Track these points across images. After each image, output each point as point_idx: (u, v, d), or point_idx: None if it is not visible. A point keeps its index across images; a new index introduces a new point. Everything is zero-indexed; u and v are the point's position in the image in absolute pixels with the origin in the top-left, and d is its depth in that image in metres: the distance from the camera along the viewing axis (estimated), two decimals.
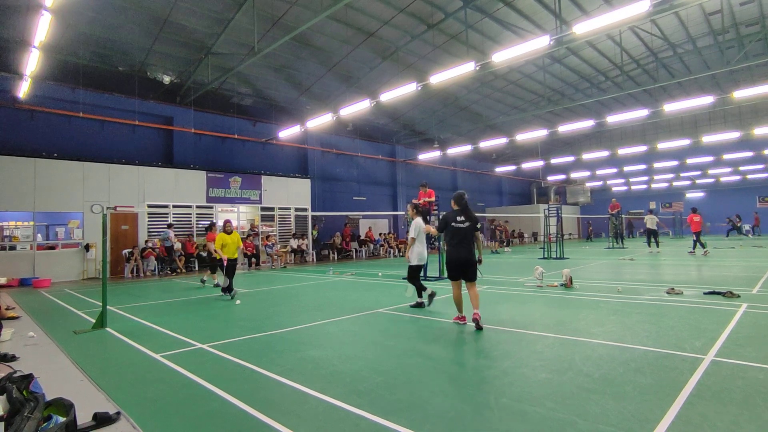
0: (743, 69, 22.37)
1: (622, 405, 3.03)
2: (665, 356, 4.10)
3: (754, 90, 16.34)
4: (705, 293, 7.39)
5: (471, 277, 5.72)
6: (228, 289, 8.87)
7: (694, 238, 16.84)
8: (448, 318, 6.22)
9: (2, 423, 2.60)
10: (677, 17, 17.85)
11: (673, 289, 7.76)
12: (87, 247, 14.15)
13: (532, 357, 4.25)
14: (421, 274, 10.89)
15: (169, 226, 15.72)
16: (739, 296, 7.00)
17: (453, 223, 5.79)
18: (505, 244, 25.47)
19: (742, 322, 5.35)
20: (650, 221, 18.79)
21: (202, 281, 11.56)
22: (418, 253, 7.09)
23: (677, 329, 5.11)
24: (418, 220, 7.24)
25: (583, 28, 10.61)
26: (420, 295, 7.14)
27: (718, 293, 7.26)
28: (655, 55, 21.13)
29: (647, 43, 20.03)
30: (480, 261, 5.88)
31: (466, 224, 5.77)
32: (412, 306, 7.10)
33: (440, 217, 6.47)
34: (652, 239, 18.47)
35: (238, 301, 8.46)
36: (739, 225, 26.17)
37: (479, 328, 5.37)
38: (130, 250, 14.51)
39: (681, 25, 18.57)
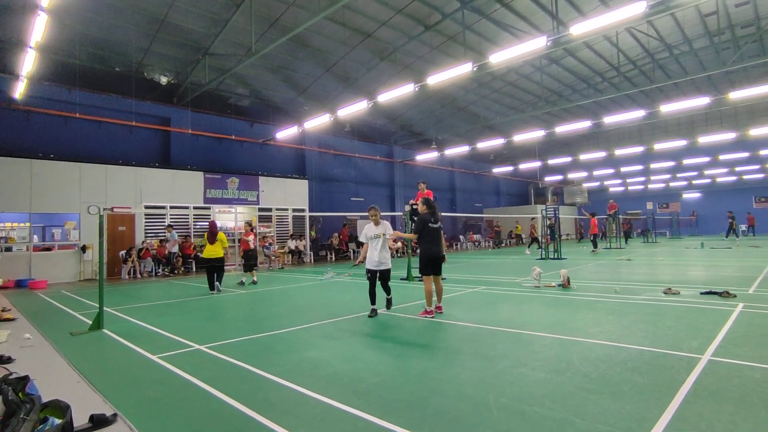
0: (739, 70, 22.51)
1: (620, 404, 3.04)
2: (662, 356, 4.11)
3: (750, 91, 16.44)
4: (702, 293, 7.41)
5: (440, 270, 6.49)
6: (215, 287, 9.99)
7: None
8: (446, 319, 6.22)
9: None
10: (673, 18, 17.94)
11: (670, 289, 7.78)
12: (84, 249, 14.10)
13: (531, 357, 4.26)
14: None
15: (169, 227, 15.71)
16: (735, 296, 7.02)
17: (429, 224, 6.41)
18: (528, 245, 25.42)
19: (738, 322, 5.37)
20: (593, 226, 20.20)
21: (241, 282, 11.47)
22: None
23: (674, 329, 5.13)
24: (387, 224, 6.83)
25: (579, 29, 10.66)
26: (389, 293, 6.91)
27: (715, 293, 7.28)
28: (652, 56, 21.23)
29: (644, 44, 20.13)
30: (444, 259, 6.57)
31: (437, 225, 6.48)
32: (370, 316, 6.45)
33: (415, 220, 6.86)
34: (595, 239, 20.35)
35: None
36: (733, 225, 26.12)
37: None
38: (126, 250, 14.46)
39: (677, 26, 18.67)
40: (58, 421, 2.62)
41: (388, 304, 6.98)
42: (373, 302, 6.61)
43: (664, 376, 3.59)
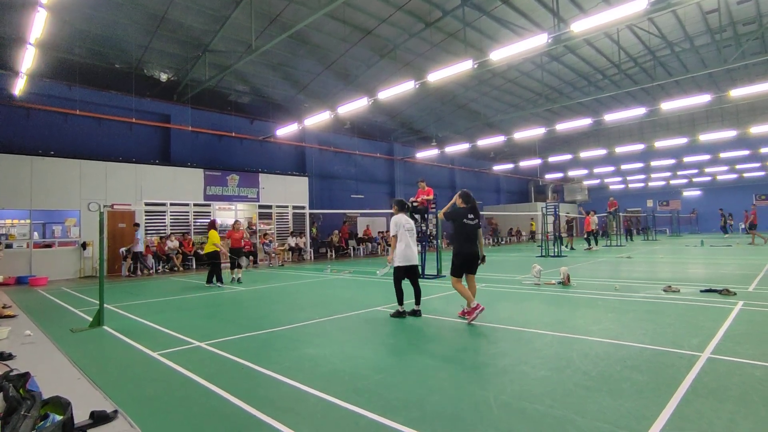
0: (740, 67, 22.40)
1: (620, 402, 3.04)
2: (662, 354, 4.12)
3: (751, 88, 16.38)
4: (702, 291, 7.42)
5: (475, 270, 5.99)
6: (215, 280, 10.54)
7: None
8: (446, 316, 6.22)
9: None
10: (675, 16, 17.87)
11: (670, 286, 7.79)
12: (84, 246, 14.10)
13: (531, 355, 4.26)
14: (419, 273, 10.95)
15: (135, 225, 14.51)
16: (735, 294, 7.02)
17: (464, 220, 5.91)
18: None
19: (738, 320, 5.38)
20: (592, 222, 20.02)
21: (238, 280, 11.30)
22: (401, 251, 6.20)
23: (674, 327, 5.13)
24: (398, 216, 6.36)
25: (581, 26, 10.62)
26: (401, 303, 6.23)
27: (715, 291, 7.28)
28: (653, 54, 21.17)
29: (645, 42, 20.06)
30: (483, 259, 6.06)
31: (475, 222, 5.95)
32: (392, 315, 6.25)
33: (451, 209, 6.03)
34: (592, 238, 20.18)
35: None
36: (726, 222, 25.89)
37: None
38: (127, 248, 14.43)
39: (678, 23, 18.60)
40: (59, 418, 2.62)
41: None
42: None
43: (663, 373, 3.59)
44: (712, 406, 2.95)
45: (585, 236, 20.47)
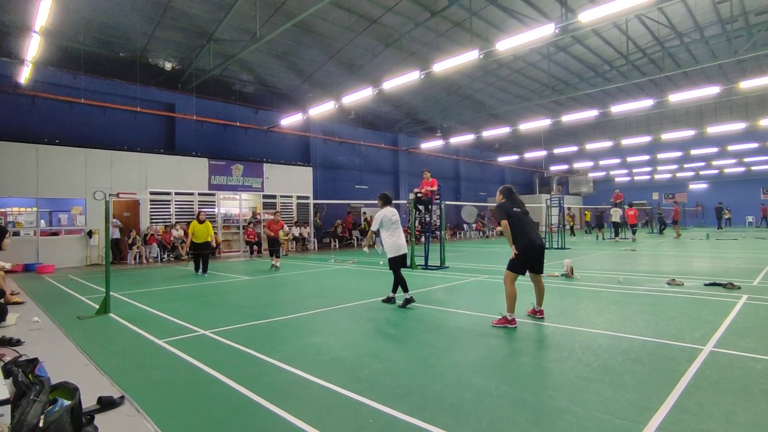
0: (751, 58, 22.02)
1: (621, 394, 3.06)
2: (664, 346, 4.13)
3: (762, 80, 16.16)
4: (706, 284, 7.40)
5: (541, 267, 5.38)
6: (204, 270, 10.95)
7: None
8: (448, 307, 6.25)
9: (9, 405, 2.63)
10: (685, 5, 17.57)
11: (674, 280, 7.77)
12: (90, 234, 14.21)
13: (533, 346, 4.29)
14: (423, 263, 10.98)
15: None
16: (739, 288, 7.00)
17: (515, 209, 5.39)
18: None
19: (742, 314, 5.37)
20: (615, 215, 20.17)
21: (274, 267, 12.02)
22: (392, 243, 6.51)
23: (677, 320, 5.14)
24: (384, 211, 6.60)
25: (589, 16, 10.47)
26: (395, 290, 6.60)
27: (719, 284, 7.26)
28: (662, 44, 20.86)
29: (654, 32, 19.76)
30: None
31: (524, 211, 5.49)
32: (383, 300, 6.66)
33: (500, 208, 5.45)
34: (620, 230, 20.74)
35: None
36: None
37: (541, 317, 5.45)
38: (127, 234, 14.42)
39: (689, 13, 18.29)
40: (67, 403, 2.67)
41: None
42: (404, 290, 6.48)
43: (665, 366, 3.60)
44: (712, 398, 2.97)
45: (630, 228, 20.57)
